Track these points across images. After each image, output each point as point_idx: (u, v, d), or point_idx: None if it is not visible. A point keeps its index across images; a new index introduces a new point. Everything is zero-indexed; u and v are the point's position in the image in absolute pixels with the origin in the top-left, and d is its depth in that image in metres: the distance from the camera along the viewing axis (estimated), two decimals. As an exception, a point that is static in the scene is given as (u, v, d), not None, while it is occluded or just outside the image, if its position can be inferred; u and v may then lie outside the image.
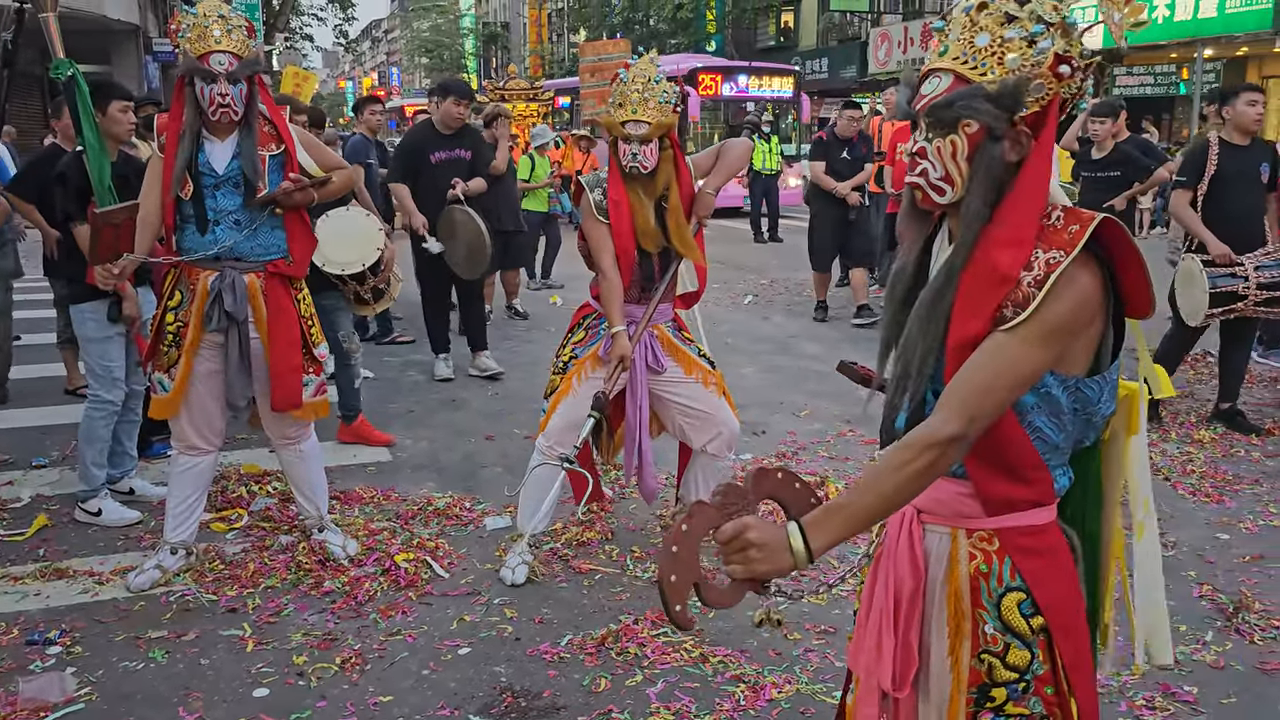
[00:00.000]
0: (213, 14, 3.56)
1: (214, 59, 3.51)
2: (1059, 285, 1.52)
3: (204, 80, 3.52)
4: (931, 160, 1.64)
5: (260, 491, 4.71)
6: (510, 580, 3.78)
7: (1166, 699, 3.08)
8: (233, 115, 3.58)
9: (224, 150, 3.65)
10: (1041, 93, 1.58)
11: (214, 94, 3.52)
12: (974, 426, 1.54)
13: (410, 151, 6.54)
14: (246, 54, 3.58)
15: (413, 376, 7.05)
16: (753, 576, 1.55)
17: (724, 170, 3.90)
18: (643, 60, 3.71)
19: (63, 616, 3.54)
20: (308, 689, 3.12)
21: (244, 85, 3.57)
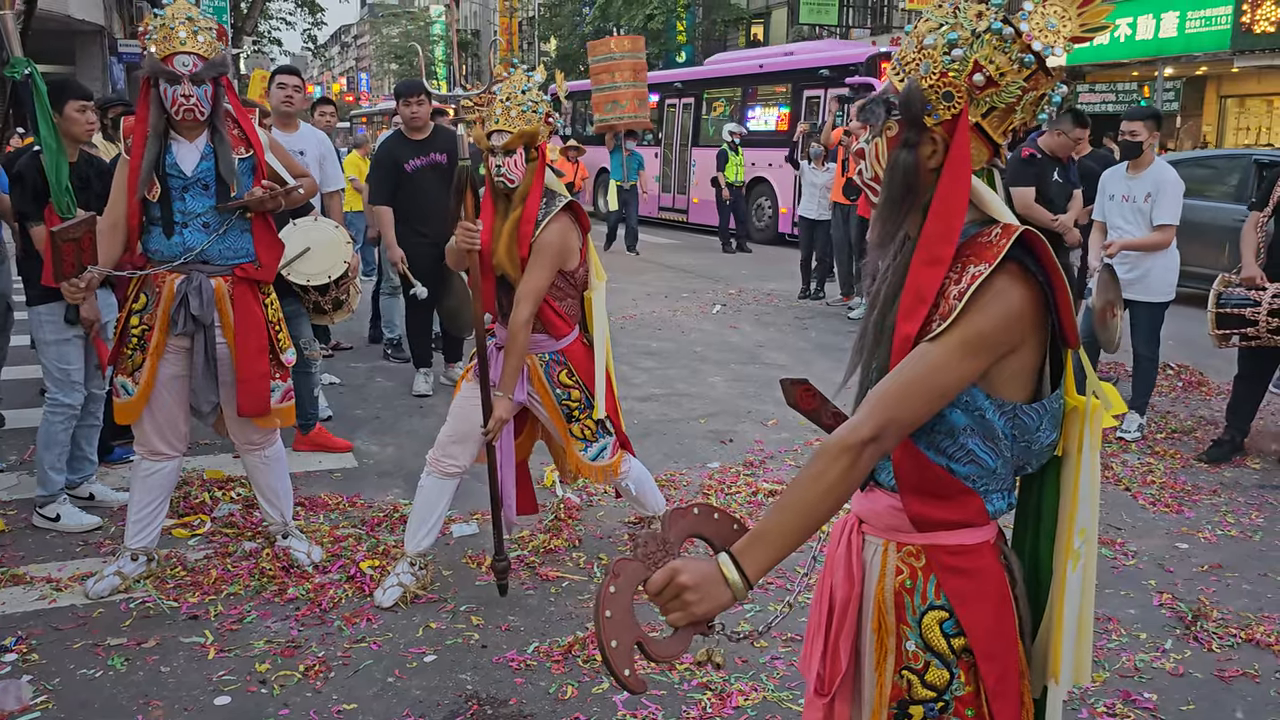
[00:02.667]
0: (180, 15, 3.54)
1: (178, 60, 3.49)
2: (981, 297, 1.50)
3: (168, 81, 3.49)
4: (868, 160, 1.68)
5: (224, 498, 4.66)
6: (379, 601, 3.67)
7: (1127, 705, 3.12)
8: (197, 115, 3.55)
9: (192, 151, 3.61)
10: (951, 101, 1.57)
11: (176, 95, 3.49)
12: (888, 432, 1.51)
13: (384, 166, 6.36)
14: (213, 55, 3.55)
15: (380, 383, 7.01)
16: (695, 620, 1.49)
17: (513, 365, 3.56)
18: (517, 72, 3.60)
19: (19, 623, 3.48)
20: (270, 697, 3.08)
21: (209, 87, 3.55)
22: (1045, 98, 1.60)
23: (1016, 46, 1.55)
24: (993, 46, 1.55)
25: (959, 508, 1.61)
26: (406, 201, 6.28)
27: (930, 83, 1.57)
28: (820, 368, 7.58)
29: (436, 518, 3.74)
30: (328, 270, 5.04)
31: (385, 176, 6.33)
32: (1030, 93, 1.57)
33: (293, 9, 35.90)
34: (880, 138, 1.63)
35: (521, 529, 4.22)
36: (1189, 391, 7.13)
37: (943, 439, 1.59)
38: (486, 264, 3.56)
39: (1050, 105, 1.61)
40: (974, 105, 1.57)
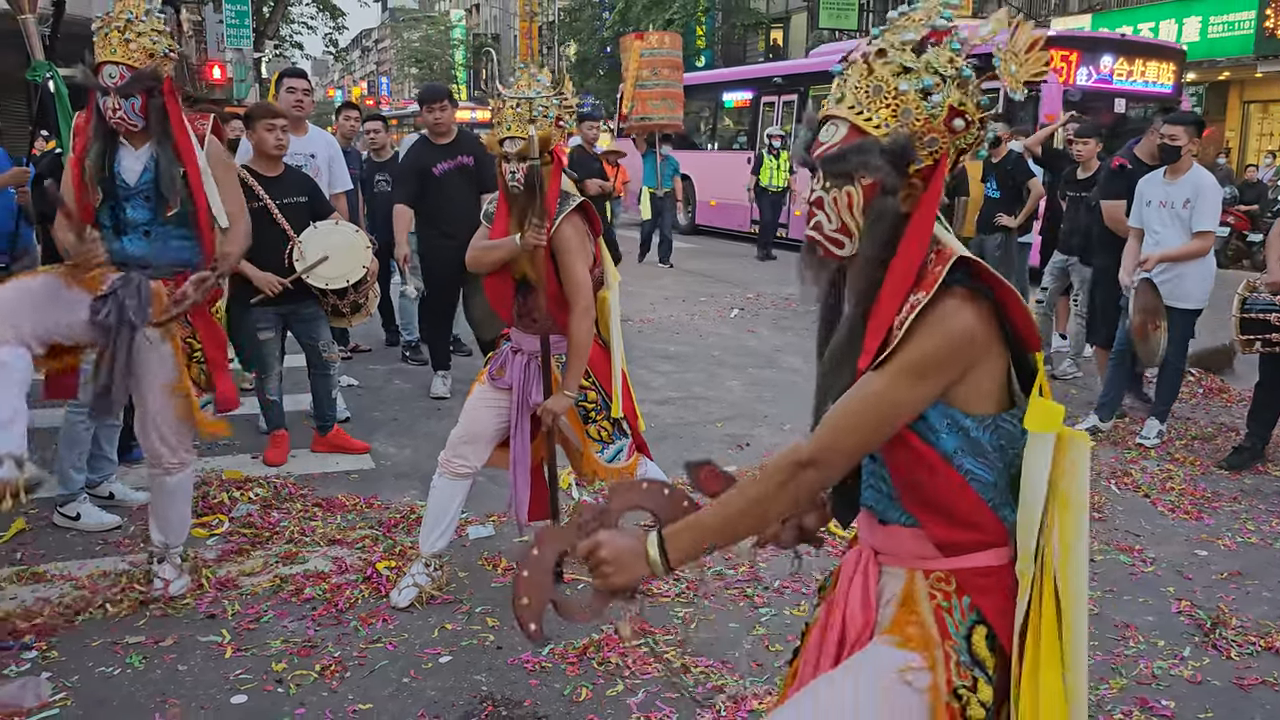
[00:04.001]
0: (120, 18, 3.35)
1: (105, 70, 3.33)
2: (922, 323, 1.53)
3: (98, 90, 3.36)
4: (828, 211, 1.64)
5: (242, 498, 4.69)
6: (395, 602, 3.69)
7: (1144, 713, 3.10)
8: (128, 128, 3.41)
9: (136, 161, 3.48)
10: (934, 146, 1.59)
11: (106, 106, 3.36)
12: (829, 458, 1.58)
13: (411, 170, 6.43)
14: (145, 64, 3.35)
15: (398, 385, 7.04)
16: (611, 589, 1.63)
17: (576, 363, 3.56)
18: (523, 75, 3.60)
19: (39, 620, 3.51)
20: (286, 696, 3.10)
21: (139, 99, 3.36)
22: (985, 133, 1.63)
23: (975, 89, 1.59)
24: (962, 91, 1.57)
25: (982, 529, 1.65)
26: (434, 205, 6.32)
27: (915, 129, 1.57)
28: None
29: (450, 519, 3.75)
30: (347, 274, 5.07)
31: (409, 179, 6.38)
32: (983, 131, 1.62)
33: (314, 13, 36.11)
34: (853, 186, 1.61)
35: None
36: (1209, 398, 7.08)
37: (940, 468, 1.62)
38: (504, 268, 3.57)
39: (985, 141, 1.65)
40: (952, 149, 1.61)
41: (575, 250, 3.52)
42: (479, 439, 3.71)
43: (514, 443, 3.70)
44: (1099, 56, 12.74)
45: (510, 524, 4.19)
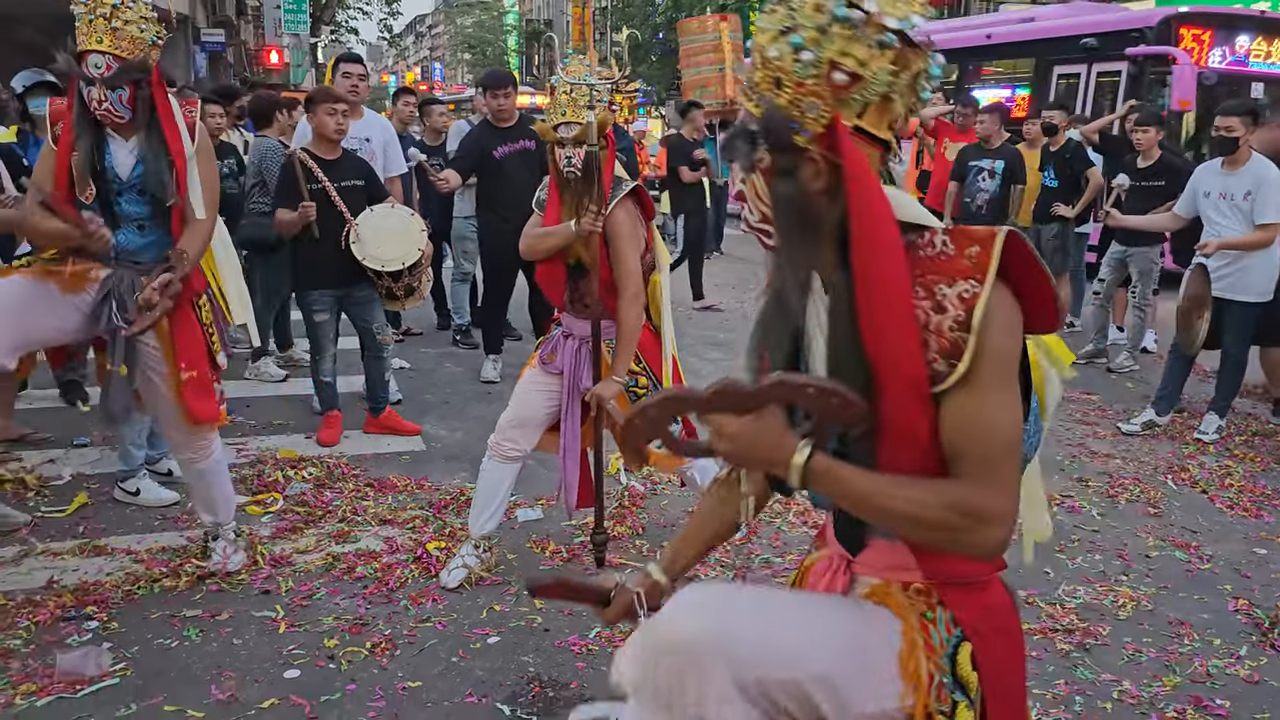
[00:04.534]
0: (105, 4, 3.14)
1: (90, 60, 3.13)
2: (989, 317, 1.36)
3: (82, 80, 3.18)
4: (749, 203, 1.52)
5: (296, 476, 4.77)
6: (445, 582, 3.72)
7: (1198, 711, 3.05)
8: (114, 120, 3.25)
9: (127, 153, 3.34)
10: (817, 111, 1.39)
11: (90, 97, 3.18)
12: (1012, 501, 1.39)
13: (470, 151, 6.48)
14: (133, 54, 3.17)
15: (449, 369, 7.10)
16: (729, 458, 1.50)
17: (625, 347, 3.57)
18: (573, 63, 3.58)
19: (101, 592, 3.61)
20: (338, 672, 3.16)
21: (126, 90, 3.19)
22: (921, 73, 1.43)
23: (871, 30, 1.37)
24: (844, 38, 1.37)
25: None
26: (493, 188, 6.38)
27: (788, 98, 1.40)
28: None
29: (499, 501, 3.78)
30: (402, 257, 5.13)
31: (468, 158, 6.44)
32: (903, 74, 1.40)
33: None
34: (753, 174, 1.47)
35: (585, 517, 4.24)
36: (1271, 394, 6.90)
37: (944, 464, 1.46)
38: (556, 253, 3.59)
39: (930, 80, 1.44)
40: (844, 108, 1.40)
41: (628, 235, 3.53)
42: (529, 423, 3.73)
43: (564, 427, 3.73)
44: (1235, 36, 11.46)
45: (559, 508, 4.22)
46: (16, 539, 4.04)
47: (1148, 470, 5.26)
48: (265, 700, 2.98)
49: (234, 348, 7.03)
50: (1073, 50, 12.17)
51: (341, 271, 5.11)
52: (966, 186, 8.45)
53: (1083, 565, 4.07)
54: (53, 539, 4.06)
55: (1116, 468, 5.28)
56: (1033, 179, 8.22)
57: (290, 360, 6.88)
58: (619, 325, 3.55)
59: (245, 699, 2.99)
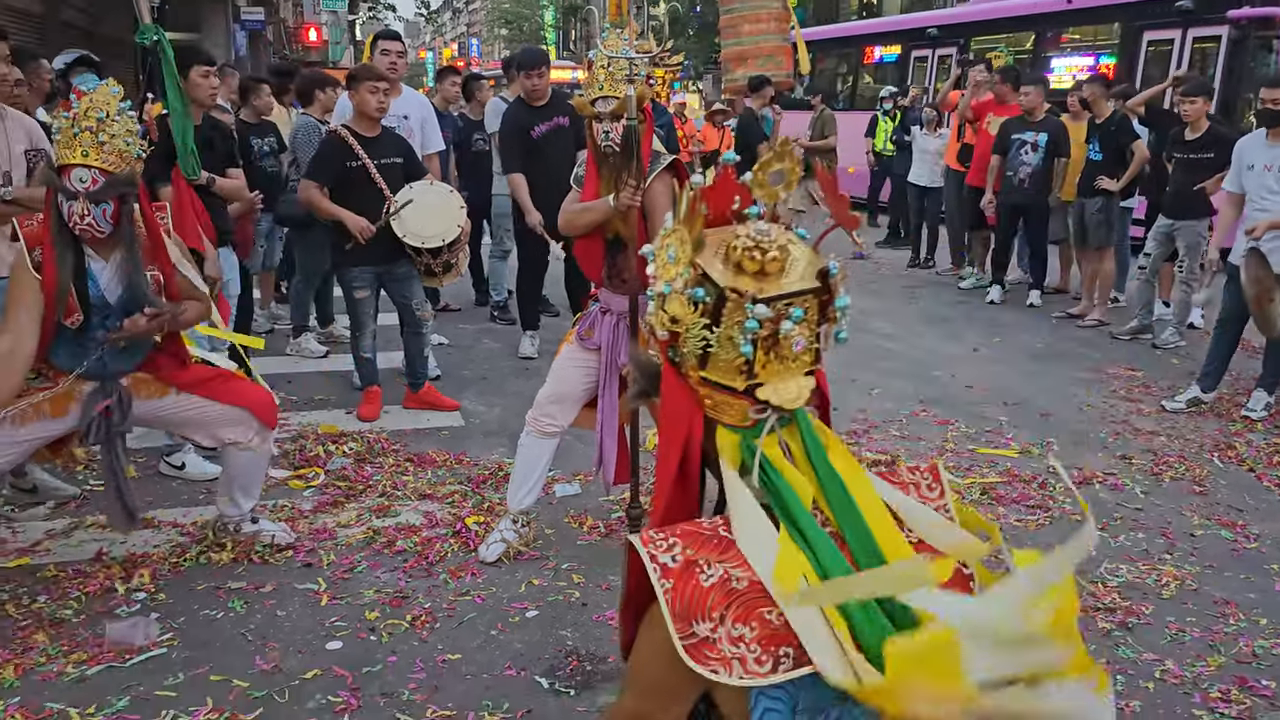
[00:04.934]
0: (89, 117, 3.06)
1: (75, 174, 3.04)
2: None
3: (63, 195, 3.08)
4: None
5: (337, 451, 4.83)
6: (483, 556, 3.75)
7: (1243, 692, 3.01)
8: (95, 235, 3.14)
9: (110, 274, 3.25)
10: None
11: (71, 212, 3.08)
12: None
13: (514, 136, 6.42)
14: (120, 168, 3.10)
15: (487, 344, 7.13)
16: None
17: None
18: (610, 37, 3.54)
19: (148, 564, 3.68)
20: (379, 644, 3.20)
21: (110, 205, 3.11)
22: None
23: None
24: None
25: None
26: (530, 166, 6.34)
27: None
28: (929, 339, 7.43)
29: (538, 476, 3.80)
30: (441, 234, 5.14)
31: (515, 145, 6.37)
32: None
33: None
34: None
35: (622, 492, 4.26)
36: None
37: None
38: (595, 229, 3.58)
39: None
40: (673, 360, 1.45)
41: (666, 209, 3.51)
42: (566, 399, 3.74)
43: (602, 403, 3.73)
44: None
45: (596, 483, 4.24)
46: (67, 511, 4.13)
47: (1193, 448, 5.18)
48: (308, 671, 3.03)
49: (275, 324, 7.15)
50: (1165, 13, 11.10)
51: (381, 249, 5.14)
52: (1009, 160, 8.32)
53: (1125, 543, 4.03)
54: (101, 512, 4.13)
55: (1161, 445, 5.20)
56: (1077, 152, 8.08)
57: (331, 336, 6.95)
58: None
59: (289, 669, 3.04)
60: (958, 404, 5.81)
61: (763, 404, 1.35)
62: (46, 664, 3.03)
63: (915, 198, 10.60)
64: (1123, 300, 8.48)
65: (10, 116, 3.98)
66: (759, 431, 1.35)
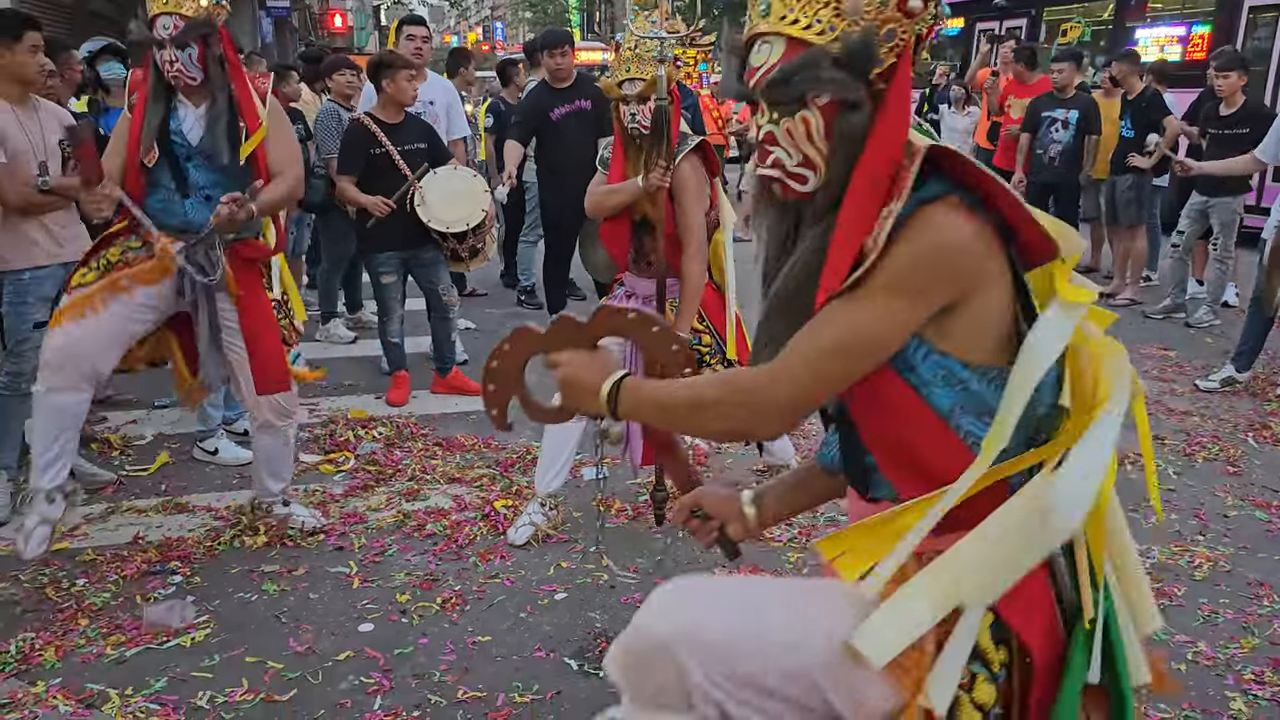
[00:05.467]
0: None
1: (159, 22, 3.24)
2: (902, 235, 1.31)
3: (154, 45, 3.28)
4: (785, 147, 1.41)
5: (366, 436, 4.87)
6: (512, 539, 3.77)
7: (1277, 674, 2.98)
8: (188, 81, 3.32)
9: (196, 119, 3.41)
10: (894, 40, 1.34)
11: (163, 60, 3.27)
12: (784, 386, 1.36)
13: (530, 113, 6.48)
14: (198, 14, 3.25)
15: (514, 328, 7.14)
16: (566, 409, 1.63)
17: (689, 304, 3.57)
18: (638, 19, 3.51)
19: (183, 548, 3.73)
20: (410, 626, 3.23)
21: (195, 49, 3.27)
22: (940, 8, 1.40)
23: None
24: None
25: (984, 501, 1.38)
26: (551, 150, 6.37)
27: (869, 23, 1.34)
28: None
29: (565, 460, 3.82)
30: (466, 218, 5.16)
31: (527, 122, 6.44)
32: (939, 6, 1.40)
33: (431, -40, 36.40)
34: (807, 112, 1.37)
35: (649, 475, 4.27)
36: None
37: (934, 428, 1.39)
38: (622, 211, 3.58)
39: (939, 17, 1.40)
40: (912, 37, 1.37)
41: (693, 191, 3.51)
42: None
43: None
44: None
45: (624, 466, 4.25)
46: (104, 496, 4.20)
47: (1227, 428, 5.12)
48: (341, 652, 3.07)
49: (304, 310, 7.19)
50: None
51: (407, 234, 5.17)
52: (1039, 138, 8.23)
53: (1157, 524, 3.99)
54: (137, 496, 4.20)
55: (1194, 425, 5.15)
56: (1110, 129, 7.97)
57: (359, 322, 7.00)
58: (682, 282, 3.55)
59: (322, 651, 3.08)
60: (987, 385, 5.76)
61: None
62: (86, 646, 3.09)
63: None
64: (1155, 279, 8.39)
65: (44, 108, 4.03)
66: None
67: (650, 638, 1.49)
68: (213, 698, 2.84)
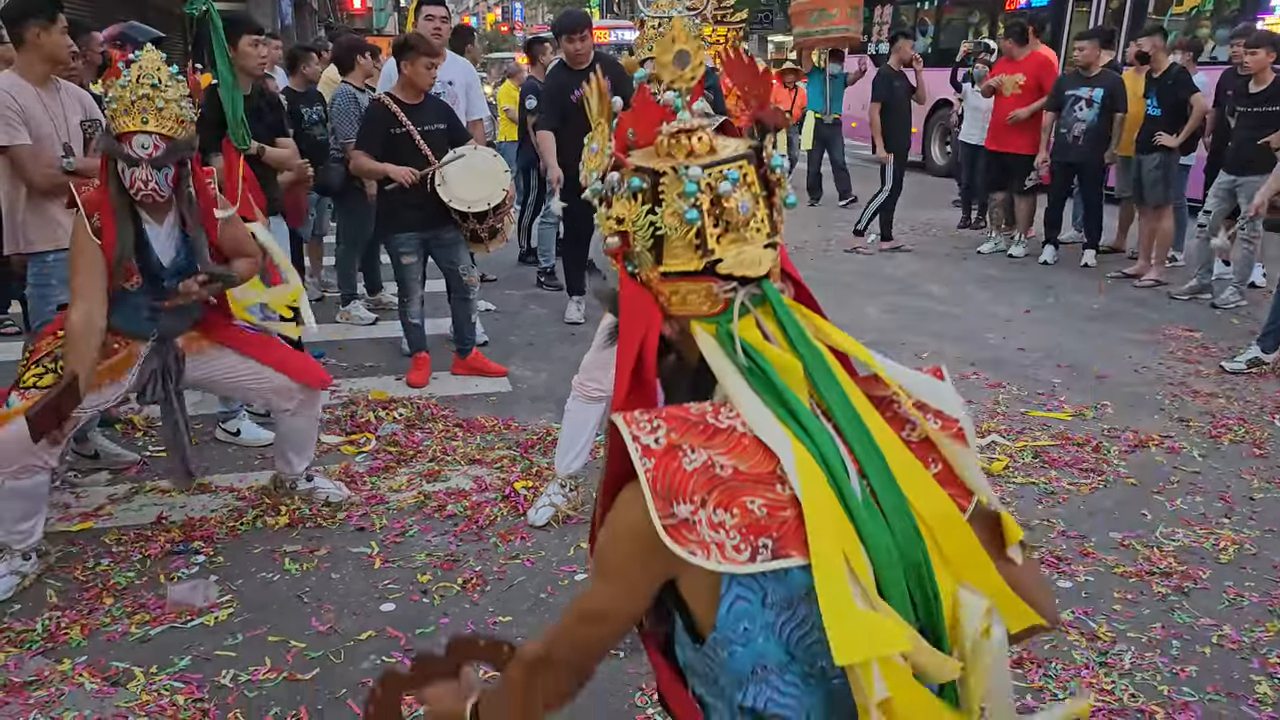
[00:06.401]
0: (145, 84, 3.11)
1: (136, 141, 3.11)
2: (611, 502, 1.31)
3: (125, 162, 3.14)
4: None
5: (387, 417, 4.88)
6: (532, 520, 3.79)
7: (1303, 658, 2.96)
8: (156, 199, 3.23)
9: (166, 238, 3.35)
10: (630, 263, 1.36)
11: (134, 178, 3.15)
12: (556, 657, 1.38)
13: (553, 96, 6.44)
14: (179, 134, 3.17)
15: (534, 310, 7.15)
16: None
17: None
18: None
19: (206, 528, 3.76)
20: (431, 606, 3.25)
21: (171, 170, 3.19)
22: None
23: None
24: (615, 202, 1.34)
25: None
26: (570, 131, 6.33)
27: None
28: (978, 300, 7.32)
29: (585, 441, 3.82)
30: (487, 198, 5.16)
31: (551, 107, 6.38)
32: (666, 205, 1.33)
33: (450, -60, 36.27)
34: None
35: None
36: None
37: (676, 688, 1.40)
38: None
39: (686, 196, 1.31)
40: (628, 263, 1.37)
41: None
42: (611, 363, 3.74)
43: None
44: None
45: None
46: (128, 477, 4.23)
47: (1253, 410, 5.06)
48: (363, 632, 3.09)
49: (325, 292, 7.23)
50: None
51: (427, 214, 5.17)
52: (1063, 117, 8.13)
53: (1182, 507, 3.96)
54: (160, 477, 4.23)
55: (1220, 407, 5.10)
56: (1135, 107, 7.87)
57: (379, 303, 7.01)
58: None
59: (344, 630, 3.10)
60: (1009, 366, 5.73)
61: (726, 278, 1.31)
62: (111, 624, 3.12)
63: (966, 156, 10.40)
64: (1180, 259, 8.29)
65: (65, 89, 4.04)
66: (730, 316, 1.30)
67: None
68: (236, 676, 2.86)
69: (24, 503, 3.29)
